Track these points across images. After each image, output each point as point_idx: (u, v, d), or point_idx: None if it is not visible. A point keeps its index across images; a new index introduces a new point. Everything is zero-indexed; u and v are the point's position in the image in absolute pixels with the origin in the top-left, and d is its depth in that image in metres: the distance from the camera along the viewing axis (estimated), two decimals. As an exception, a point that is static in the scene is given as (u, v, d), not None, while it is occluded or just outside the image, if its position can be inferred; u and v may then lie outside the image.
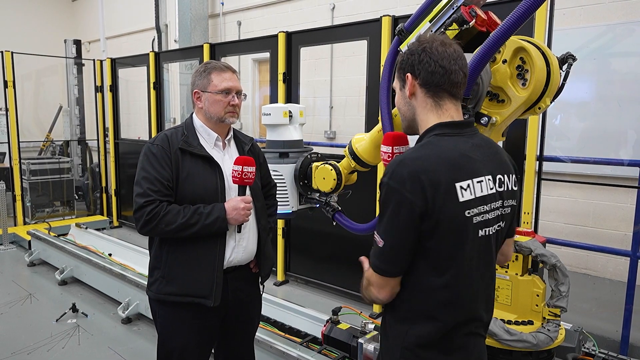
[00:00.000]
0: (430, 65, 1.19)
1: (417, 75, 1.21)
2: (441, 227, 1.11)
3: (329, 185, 2.08)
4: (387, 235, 1.15)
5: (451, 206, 1.11)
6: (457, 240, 1.14)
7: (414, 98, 1.24)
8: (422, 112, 1.24)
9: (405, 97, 1.26)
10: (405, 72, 1.24)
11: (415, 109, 1.25)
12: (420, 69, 1.20)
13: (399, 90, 1.28)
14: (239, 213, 1.69)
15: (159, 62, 5.54)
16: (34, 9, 9.75)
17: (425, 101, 1.23)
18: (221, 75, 1.75)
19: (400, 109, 1.30)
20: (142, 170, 1.68)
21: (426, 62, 1.19)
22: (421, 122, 1.24)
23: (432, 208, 1.10)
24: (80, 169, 7.08)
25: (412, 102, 1.25)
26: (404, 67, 1.25)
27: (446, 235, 1.12)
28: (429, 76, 1.19)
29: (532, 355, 1.79)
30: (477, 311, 1.22)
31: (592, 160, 3.54)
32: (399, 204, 1.11)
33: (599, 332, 3.00)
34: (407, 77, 1.23)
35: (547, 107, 1.59)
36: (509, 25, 1.29)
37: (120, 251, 4.40)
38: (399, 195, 1.11)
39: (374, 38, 3.48)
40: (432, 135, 1.20)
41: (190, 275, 1.70)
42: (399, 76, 1.27)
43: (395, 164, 1.15)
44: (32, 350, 3.01)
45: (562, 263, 1.84)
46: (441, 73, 1.19)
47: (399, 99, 1.29)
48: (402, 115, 1.30)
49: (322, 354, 2.49)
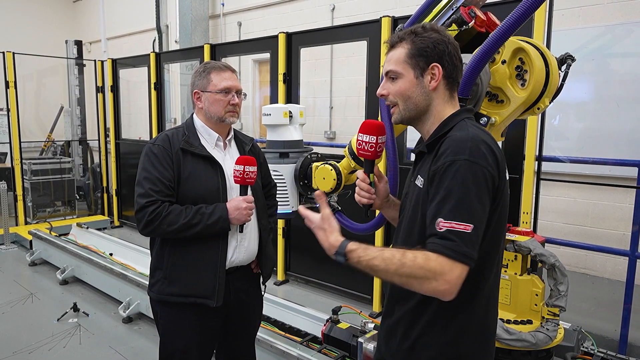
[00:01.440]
0: (455, 58, 1.17)
1: (445, 66, 1.16)
2: (502, 204, 1.11)
3: (329, 185, 2.09)
4: (473, 217, 1.02)
5: (505, 182, 1.13)
6: (505, 218, 1.16)
7: (435, 89, 1.18)
8: (440, 104, 1.19)
9: (423, 87, 1.17)
10: (430, 60, 1.15)
11: (432, 100, 1.19)
12: (448, 60, 1.16)
13: (413, 78, 1.17)
14: (241, 213, 1.69)
15: (159, 63, 5.55)
16: (35, 10, 9.76)
17: (444, 93, 1.19)
18: (220, 74, 1.74)
19: (410, 97, 1.19)
20: (144, 170, 1.68)
21: (453, 55, 1.16)
22: (437, 113, 1.19)
23: (501, 184, 1.08)
24: (81, 169, 7.09)
25: (432, 93, 1.18)
26: (428, 54, 1.15)
27: (503, 213, 1.13)
28: (454, 69, 1.17)
29: (531, 354, 1.80)
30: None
31: (591, 160, 3.55)
32: (485, 180, 1.04)
33: (597, 332, 3.00)
34: (434, 67, 1.15)
35: (546, 108, 1.60)
36: (508, 26, 1.29)
37: (121, 251, 4.41)
38: (483, 171, 1.04)
39: (373, 39, 3.49)
40: (464, 119, 1.17)
41: (192, 275, 1.69)
42: (413, 63, 1.16)
43: (468, 141, 1.06)
44: (33, 350, 3.02)
45: (561, 263, 1.84)
46: (460, 67, 1.19)
47: (411, 87, 1.18)
48: (413, 104, 1.19)
49: (322, 353, 2.49)
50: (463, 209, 1.02)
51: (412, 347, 1.19)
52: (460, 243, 1.01)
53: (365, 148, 1.33)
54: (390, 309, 1.27)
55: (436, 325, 1.16)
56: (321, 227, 1.17)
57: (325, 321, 2.63)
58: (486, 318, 1.21)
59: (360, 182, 1.37)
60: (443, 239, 1.02)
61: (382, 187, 1.41)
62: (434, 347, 1.16)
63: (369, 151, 1.33)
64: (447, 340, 1.16)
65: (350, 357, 2.45)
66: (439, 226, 1.03)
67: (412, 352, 1.19)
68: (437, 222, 1.03)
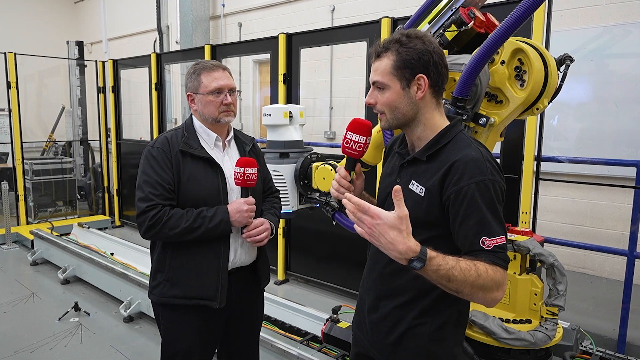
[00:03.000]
0: (440, 66, 1.18)
1: (430, 76, 1.18)
2: None
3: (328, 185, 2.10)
4: (503, 227, 1.15)
5: None
6: None
7: (422, 99, 1.20)
8: (428, 112, 1.23)
9: (410, 98, 1.20)
10: (416, 72, 1.18)
11: (419, 109, 1.22)
12: (433, 70, 1.18)
13: (400, 89, 1.20)
14: (242, 215, 1.67)
15: (160, 63, 5.57)
16: (37, 11, 9.78)
17: (431, 101, 1.22)
18: (210, 75, 1.70)
19: (397, 108, 1.22)
20: (143, 174, 1.66)
21: (438, 63, 1.18)
22: (427, 120, 1.23)
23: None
24: (82, 169, 7.11)
25: (419, 103, 1.21)
26: (413, 65, 1.17)
27: None
28: (439, 77, 1.19)
29: (530, 353, 1.79)
30: None
31: (589, 160, 3.56)
32: (502, 192, 1.17)
33: (596, 331, 3.01)
34: (420, 77, 1.18)
35: (545, 108, 1.60)
36: (507, 26, 1.30)
37: (122, 250, 4.43)
38: (501, 186, 1.16)
39: (373, 39, 3.49)
40: (460, 132, 1.24)
41: (195, 277, 1.68)
42: (399, 75, 1.19)
43: (483, 161, 1.15)
44: (34, 349, 3.03)
45: (560, 262, 1.84)
46: (445, 74, 1.20)
47: (398, 98, 1.20)
48: (401, 114, 1.22)
49: (322, 352, 2.51)
50: (498, 225, 1.13)
51: (398, 342, 1.28)
52: (505, 254, 1.13)
53: (352, 147, 1.32)
54: (375, 305, 1.34)
55: (423, 325, 1.25)
56: (397, 227, 1.01)
57: (325, 320, 2.63)
58: (467, 313, 1.35)
59: (341, 178, 1.35)
60: (493, 253, 1.12)
61: (359, 184, 1.43)
62: (419, 340, 1.25)
63: (357, 150, 1.32)
64: (431, 335, 1.25)
65: (349, 356, 2.46)
66: (486, 244, 1.12)
67: (397, 347, 1.28)
68: (482, 240, 1.12)
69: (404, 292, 1.27)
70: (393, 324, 1.29)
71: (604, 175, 3.87)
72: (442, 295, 1.19)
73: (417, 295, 1.25)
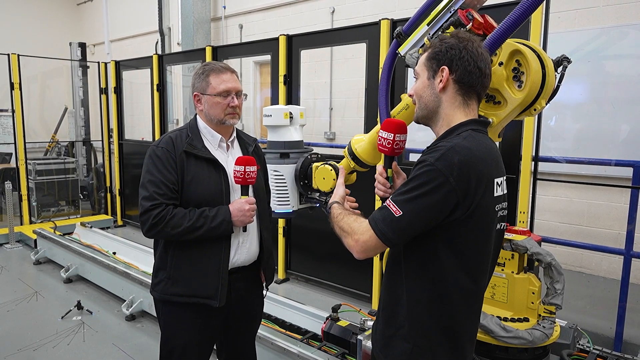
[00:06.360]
0: (470, 64, 1.19)
1: (454, 70, 1.20)
2: (474, 218, 1.14)
3: (328, 185, 2.11)
4: (410, 209, 1.12)
5: (488, 200, 1.16)
6: (486, 232, 1.20)
7: (444, 92, 1.22)
8: (449, 107, 1.23)
9: (433, 88, 1.23)
10: (441, 63, 1.21)
11: (441, 103, 1.23)
12: (459, 65, 1.19)
13: (426, 79, 1.25)
14: (244, 215, 1.69)
15: (162, 65, 5.60)
16: (40, 13, 9.82)
17: (455, 97, 1.22)
18: (219, 76, 1.72)
19: (422, 97, 1.26)
20: (148, 173, 1.67)
21: (466, 60, 1.19)
22: (446, 116, 1.23)
23: (472, 199, 1.12)
24: (85, 169, 7.15)
25: (441, 95, 1.23)
26: (440, 58, 1.21)
27: (477, 227, 1.16)
28: (466, 75, 1.20)
29: (528, 351, 1.81)
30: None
31: (586, 160, 3.58)
32: (439, 186, 1.10)
33: (593, 329, 3.03)
34: (443, 69, 1.21)
35: (543, 109, 1.61)
36: (505, 28, 1.31)
37: (124, 250, 4.44)
38: (443, 179, 1.09)
39: (372, 41, 3.52)
40: (468, 130, 1.19)
41: (196, 276, 1.70)
42: (428, 65, 1.24)
43: (445, 149, 1.12)
44: (37, 347, 3.05)
45: (557, 261, 1.85)
46: (477, 74, 1.21)
47: (423, 87, 1.25)
48: (424, 104, 1.26)
49: (322, 350, 2.51)
50: (407, 202, 1.13)
51: (387, 344, 1.29)
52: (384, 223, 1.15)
53: (383, 144, 1.39)
54: (378, 315, 1.37)
55: (403, 327, 1.24)
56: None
57: (325, 319, 2.65)
58: (459, 317, 1.25)
59: (378, 175, 1.44)
60: (379, 210, 1.18)
61: (399, 183, 1.45)
62: (408, 341, 1.24)
63: (386, 147, 1.38)
64: (418, 337, 1.23)
65: (349, 354, 2.47)
66: (384, 204, 1.18)
67: (387, 349, 1.28)
68: (388, 200, 1.17)
69: (395, 300, 1.32)
70: (383, 327, 1.35)
71: (601, 176, 3.89)
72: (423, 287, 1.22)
73: (401, 303, 1.29)
